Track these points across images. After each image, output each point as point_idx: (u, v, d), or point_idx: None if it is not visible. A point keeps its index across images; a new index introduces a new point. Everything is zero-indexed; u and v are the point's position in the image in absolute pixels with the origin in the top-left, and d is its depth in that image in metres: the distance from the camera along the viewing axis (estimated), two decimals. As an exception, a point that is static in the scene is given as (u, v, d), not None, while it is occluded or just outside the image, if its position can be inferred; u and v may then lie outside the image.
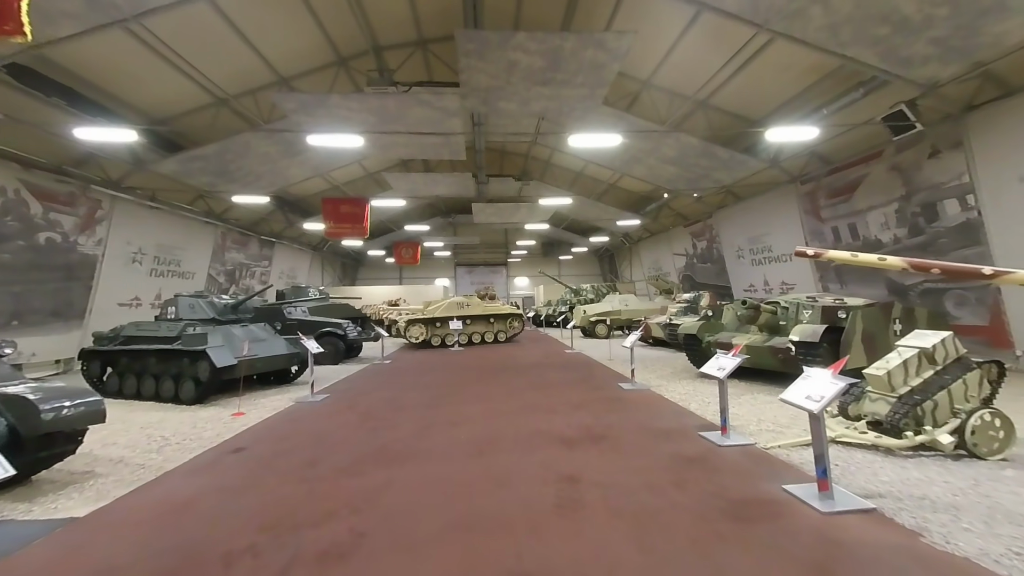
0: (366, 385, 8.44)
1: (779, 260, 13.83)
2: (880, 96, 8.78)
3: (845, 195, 10.99)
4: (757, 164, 12.59)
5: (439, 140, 10.83)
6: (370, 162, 17.43)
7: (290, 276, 22.20)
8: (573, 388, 7.54)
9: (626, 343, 7.56)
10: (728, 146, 12.34)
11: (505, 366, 10.33)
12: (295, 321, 11.21)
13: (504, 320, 15.62)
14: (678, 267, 21.15)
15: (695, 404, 6.19)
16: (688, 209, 19.32)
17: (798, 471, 3.80)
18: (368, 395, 7.46)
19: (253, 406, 6.82)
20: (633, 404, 6.29)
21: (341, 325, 11.46)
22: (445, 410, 6.24)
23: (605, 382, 7.99)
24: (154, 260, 13.08)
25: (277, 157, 12.97)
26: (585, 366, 9.99)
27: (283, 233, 20.79)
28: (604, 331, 16.07)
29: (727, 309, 8.35)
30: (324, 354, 11.17)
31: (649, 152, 13.86)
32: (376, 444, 4.82)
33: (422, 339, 14.56)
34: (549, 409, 6.11)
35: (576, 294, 23.11)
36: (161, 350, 7.19)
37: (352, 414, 6.15)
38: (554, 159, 19.24)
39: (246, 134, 11.58)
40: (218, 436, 5.29)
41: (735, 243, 15.90)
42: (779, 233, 13.56)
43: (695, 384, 7.57)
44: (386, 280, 32.93)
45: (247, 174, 13.35)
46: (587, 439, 4.78)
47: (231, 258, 17.08)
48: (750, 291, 15.35)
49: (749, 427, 5.14)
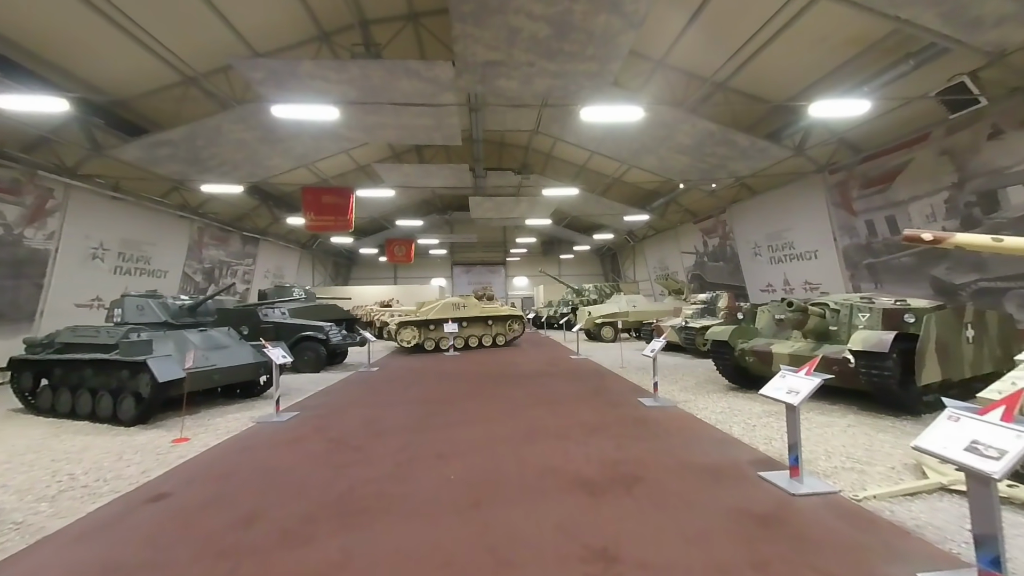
0: (344, 399, 7.31)
1: (802, 258, 12.78)
2: (933, 69, 7.72)
3: (882, 184, 9.94)
4: (780, 152, 11.52)
5: (431, 122, 9.72)
6: (360, 153, 16.31)
7: (276, 275, 21.03)
8: (585, 404, 6.43)
9: (648, 351, 6.45)
10: (750, 132, 11.25)
11: (505, 374, 9.22)
12: (270, 324, 10.08)
13: (503, 322, 14.51)
14: (686, 266, 20.09)
15: (738, 428, 5.10)
16: (698, 204, 18.26)
17: (927, 543, 2.69)
18: (344, 413, 6.33)
19: (204, 428, 5.68)
20: (662, 427, 5.19)
21: (323, 328, 10.33)
22: (433, 435, 5.13)
23: (622, 396, 6.89)
24: (119, 256, 11.91)
25: (254, 144, 11.82)
26: (595, 375, 8.89)
27: (268, 229, 19.62)
28: (611, 334, 14.99)
29: (762, 311, 7.26)
30: (304, 361, 10.09)
31: (661, 140, 12.77)
32: (340, 488, 3.70)
33: (415, 343, 13.44)
34: (560, 433, 5.00)
35: (578, 294, 22.05)
36: (97, 360, 6.05)
37: (319, 441, 5.03)
38: (556, 151, 18.15)
39: (217, 117, 10.43)
40: (144, 474, 4.16)
41: (751, 240, 14.84)
42: (802, 228, 12.51)
43: (728, 400, 6.47)
44: (380, 280, 31.78)
45: (222, 163, 12.20)
46: (615, 482, 3.68)
47: (210, 255, 15.92)
48: (768, 291, 14.29)
49: (817, 462, 4.04)
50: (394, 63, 7.36)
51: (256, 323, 10.04)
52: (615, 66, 9.05)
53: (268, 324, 10.07)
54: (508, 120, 14.43)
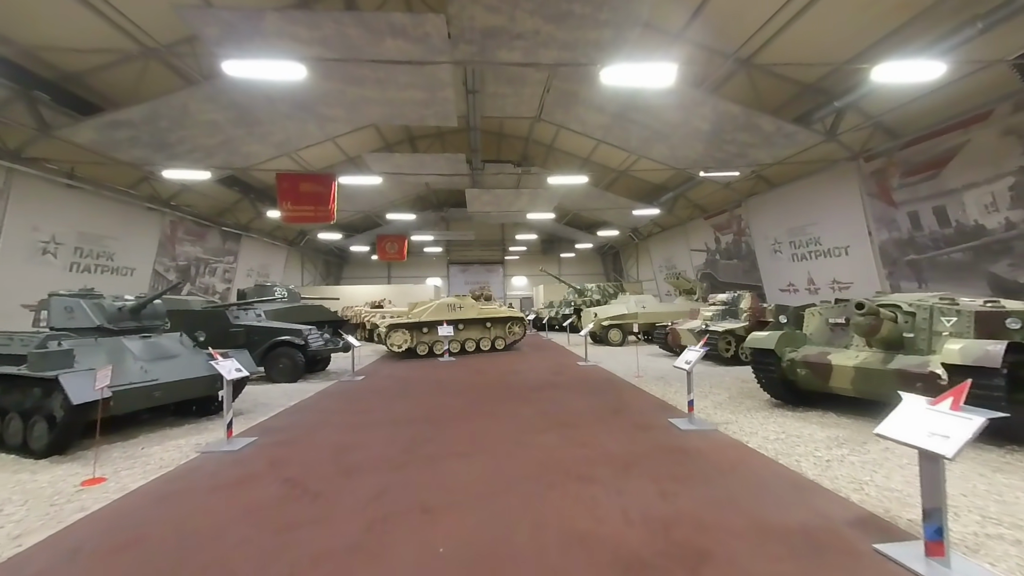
0: (317, 418, 6.16)
1: (830, 254, 11.71)
2: (1005, 32, 6.65)
3: (930, 171, 8.88)
4: (809, 138, 10.44)
5: (422, 96, 8.59)
6: (348, 143, 15.16)
7: (261, 274, 19.84)
8: (606, 426, 5.32)
9: (682, 362, 5.33)
10: (777, 115, 10.17)
11: (506, 384, 8.10)
12: (241, 328, 8.93)
13: (503, 325, 13.39)
14: (696, 265, 19.03)
15: (808, 464, 4.00)
16: (709, 199, 17.20)
17: None
18: (312, 438, 5.19)
19: (132, 462, 4.53)
20: (711, 463, 4.08)
21: (300, 332, 9.18)
22: (419, 473, 4.00)
23: (648, 416, 5.78)
24: (76, 252, 10.71)
25: (228, 127, 10.65)
26: (610, 386, 7.78)
27: (251, 225, 18.43)
28: (618, 337, 13.90)
29: (810, 314, 6.17)
30: (279, 370, 8.97)
31: (676, 126, 11.69)
32: (280, 570, 2.57)
33: (406, 347, 12.30)
34: (583, 473, 3.89)
35: (580, 294, 21.00)
36: (5, 375, 4.89)
37: (271, 482, 3.89)
38: (559, 142, 17.05)
39: (182, 94, 9.27)
40: (14, 540, 3.02)
41: (770, 235, 13.79)
42: (831, 222, 11.45)
43: (778, 421, 5.37)
44: (373, 279, 30.60)
45: (193, 148, 11.03)
46: (673, 560, 2.57)
47: (185, 252, 14.72)
48: (788, 291, 13.24)
49: (966, 529, 2.92)
50: (375, 16, 6.23)
51: (224, 327, 8.89)
52: (631, 35, 7.96)
53: (238, 328, 8.92)
54: (508, 106, 13.33)
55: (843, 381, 5.23)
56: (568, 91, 11.92)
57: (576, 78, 10.91)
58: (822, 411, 5.72)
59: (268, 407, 6.86)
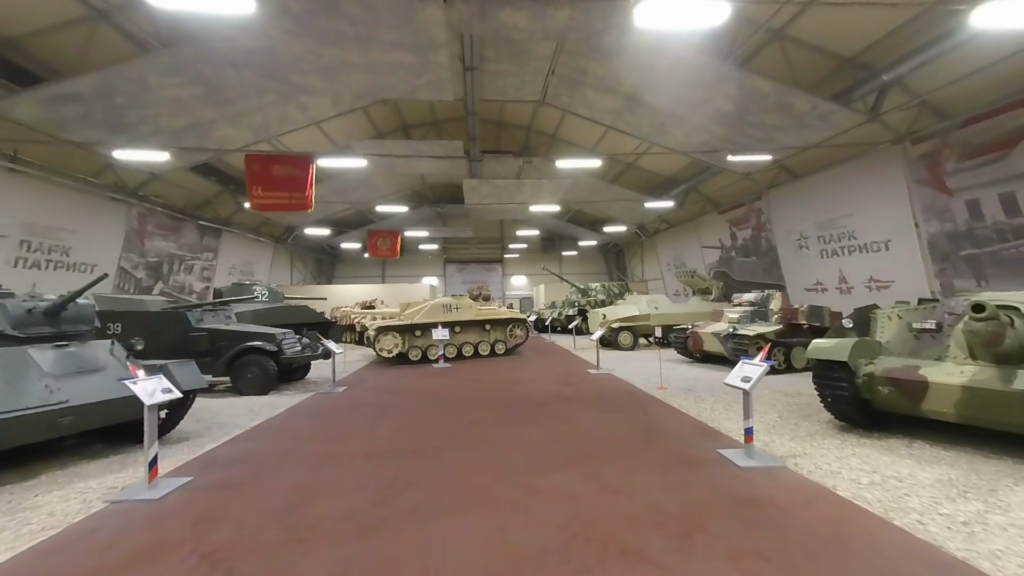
0: (276, 447, 4.99)
1: (867, 249, 10.61)
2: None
3: (996, 152, 7.78)
4: (848, 119, 9.34)
5: (411, 61, 7.45)
6: (335, 129, 13.98)
7: (245, 272, 18.64)
8: (641, 460, 4.19)
9: (738, 379, 4.19)
10: (813, 91, 9.06)
11: (509, 398, 6.96)
12: (204, 332, 7.76)
13: (503, 327, 12.25)
14: (708, 263, 17.92)
15: (939, 528, 2.87)
16: (723, 192, 16.08)
17: None
18: (261, 481, 4.02)
19: (12, 517, 3.37)
20: (802, 526, 2.94)
21: (274, 338, 8.01)
22: (398, 543, 2.85)
23: (689, 443, 4.65)
24: (21, 245, 9.51)
25: (195, 106, 9.48)
26: (632, 401, 6.65)
27: (232, 219, 17.20)
28: (629, 341, 12.79)
29: (886, 318, 5.04)
30: (247, 381, 7.81)
31: (695, 107, 10.56)
32: None
33: (397, 352, 11.14)
34: (627, 546, 2.75)
35: (584, 294, 19.89)
36: None
37: (181, 562, 2.73)
38: (563, 131, 15.92)
39: (137, 64, 8.09)
40: None
41: (795, 230, 12.68)
42: (868, 213, 10.36)
43: (860, 454, 4.24)
44: (367, 278, 29.40)
45: (156, 131, 9.84)
46: None
47: (156, 247, 13.52)
48: (815, 290, 12.16)
49: None
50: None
51: (184, 331, 7.72)
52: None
53: (200, 332, 7.75)
54: (509, 87, 12.20)
55: (943, 404, 4.10)
56: (576, 69, 10.77)
57: (586, 52, 9.77)
58: (906, 438, 4.60)
59: (225, 428, 5.70)
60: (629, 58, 9.50)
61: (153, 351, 7.65)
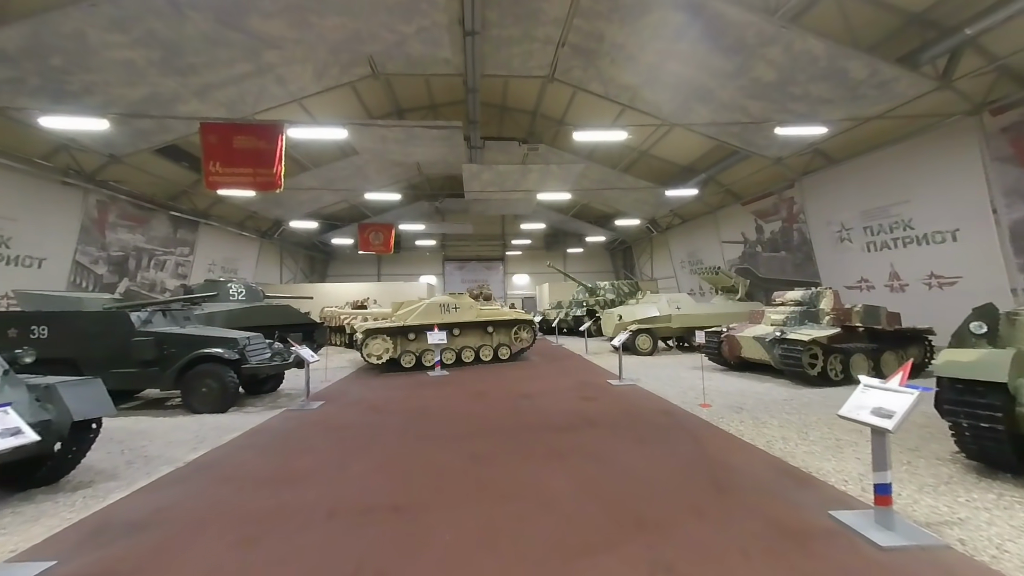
0: (205, 500, 3.65)
1: (928, 240, 9.27)
2: None
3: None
4: (912, 87, 8.01)
5: None
6: (320, 108, 12.61)
7: (227, 269, 17.28)
8: (720, 529, 2.86)
9: (875, 414, 2.83)
10: (874, 52, 7.72)
11: (519, 421, 5.62)
12: (150, 337, 6.41)
13: (507, 329, 10.91)
14: (728, 259, 16.57)
15: None
16: (746, 182, 14.74)
17: None
18: (158, 571, 2.68)
19: None
20: None
21: (236, 343, 6.67)
22: None
23: (777, 494, 3.31)
24: (-54, 235, 8.16)
25: (153, 74, 8.14)
26: (674, 425, 5.31)
27: (212, 211, 15.83)
28: (648, 345, 11.45)
29: (1039, 320, 3.69)
30: (201, 396, 6.49)
31: (730, 76, 9.22)
32: None
33: (388, 358, 9.81)
34: None
35: (592, 294, 18.60)
36: None
37: None
38: (572, 114, 14.55)
39: (73, 14, 6.74)
40: None
41: (835, 220, 11.35)
42: (930, 198, 9.03)
43: (1046, 521, 2.89)
44: (362, 276, 28.07)
45: (107, 101, 8.50)
46: None
47: (120, 240, 12.15)
48: (859, 287, 10.84)
49: None
50: None
51: (125, 336, 6.38)
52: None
53: (145, 337, 6.40)
54: (515, 59, 10.87)
55: None
56: (592, 35, 9.42)
57: (605, 10, 8.44)
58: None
59: (151, 465, 4.36)
60: (657, 18, 8.17)
61: (89, 361, 6.35)
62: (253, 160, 7.48)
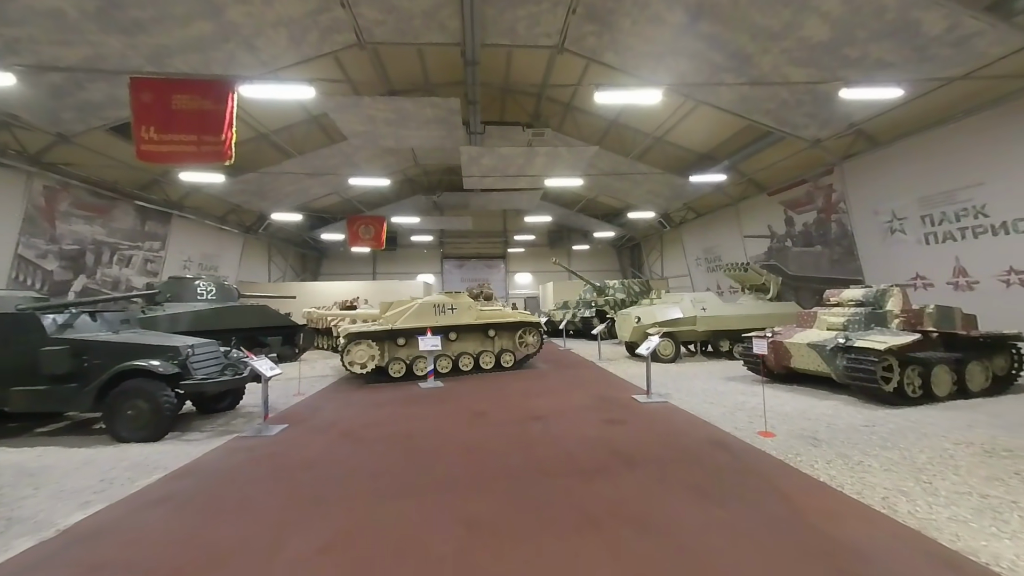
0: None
1: (1005, 229, 7.94)
2: None
3: None
4: (1000, 42, 6.66)
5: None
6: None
7: (206, 267, 15.95)
8: None
9: None
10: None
11: (531, 457, 4.29)
12: (65, 345, 5.10)
13: (511, 333, 9.60)
14: (751, 255, 15.22)
15: None
16: (772, 170, 13.39)
17: None
18: None
19: None
20: None
21: (177, 352, 5.36)
22: None
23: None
24: None
25: (87, 28, 6.81)
26: (733, 463, 3.98)
27: (185, 202, 14.48)
28: (670, 351, 10.12)
29: None
30: (127, 421, 5.19)
31: (773, 36, 7.90)
32: None
33: (373, 366, 8.48)
34: None
35: (600, 293, 17.32)
36: None
37: None
38: (580, 98, 13.24)
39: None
40: None
41: (883, 209, 10.03)
42: (1010, 179, 7.67)
43: None
44: (356, 275, 26.73)
45: (40, 63, 7.16)
46: None
47: (75, 232, 10.82)
48: (914, 285, 9.50)
49: None
50: None
51: (34, 344, 5.06)
52: None
53: (59, 345, 5.08)
54: (520, 24, 9.53)
55: None
56: None
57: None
58: None
59: (13, 531, 3.04)
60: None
61: (-16, 375, 5.04)
62: (197, 125, 6.12)
